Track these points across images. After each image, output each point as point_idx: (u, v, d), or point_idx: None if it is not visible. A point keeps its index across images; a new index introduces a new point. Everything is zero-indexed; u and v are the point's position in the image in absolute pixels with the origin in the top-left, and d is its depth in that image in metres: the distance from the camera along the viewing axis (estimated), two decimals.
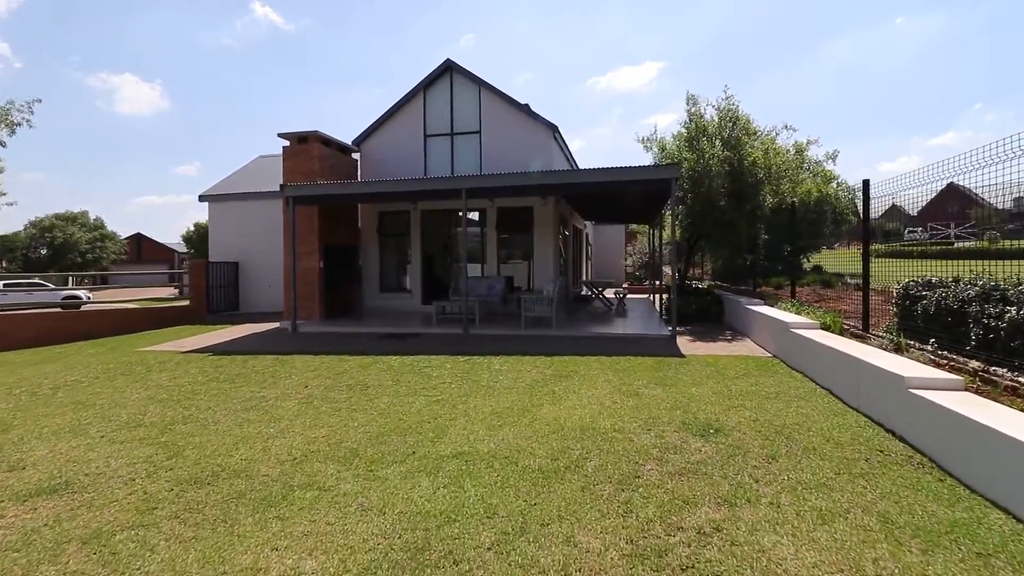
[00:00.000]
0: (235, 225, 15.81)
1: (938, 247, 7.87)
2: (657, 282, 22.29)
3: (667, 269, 23.73)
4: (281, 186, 10.87)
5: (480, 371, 6.81)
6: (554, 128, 12.61)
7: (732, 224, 10.87)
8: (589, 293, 14.99)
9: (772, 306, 8.91)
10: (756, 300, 9.60)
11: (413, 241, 13.53)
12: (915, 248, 7.43)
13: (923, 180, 5.56)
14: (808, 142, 11.17)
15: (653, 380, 6.04)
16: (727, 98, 11.44)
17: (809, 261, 17.50)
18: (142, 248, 53.85)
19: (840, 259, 16.99)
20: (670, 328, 9.20)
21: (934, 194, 6.03)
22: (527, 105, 12.78)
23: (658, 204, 11.69)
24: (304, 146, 11.84)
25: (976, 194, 5.30)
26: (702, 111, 11.57)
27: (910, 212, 6.86)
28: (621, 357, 7.36)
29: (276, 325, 11.86)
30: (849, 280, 12.92)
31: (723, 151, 10.63)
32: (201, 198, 16.24)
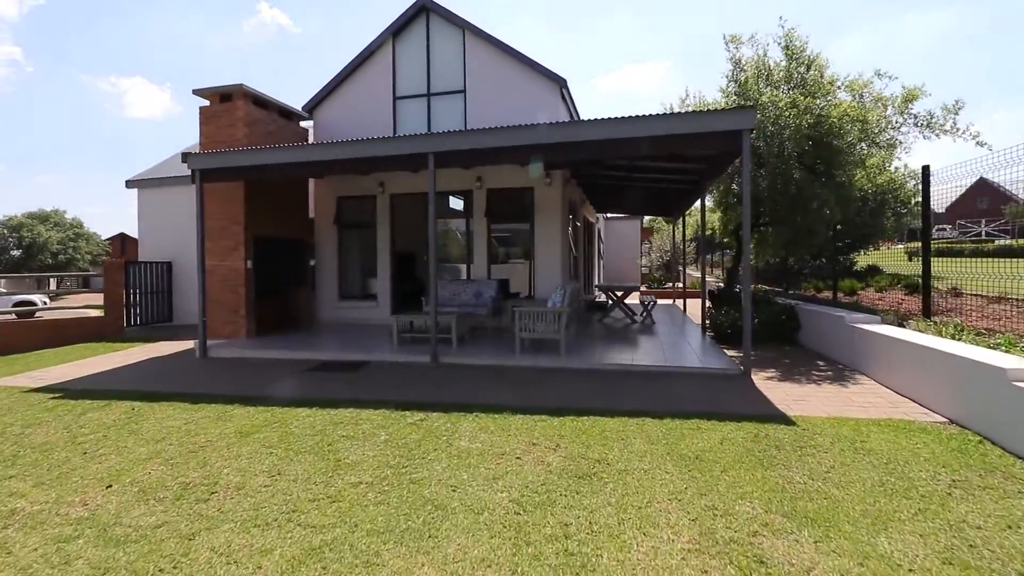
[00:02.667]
0: (169, 217, 12.81)
1: None
2: (679, 285, 19.17)
3: (688, 269, 20.53)
4: (184, 155, 7.88)
5: (433, 453, 3.75)
6: (562, 83, 9.53)
7: (806, 205, 7.74)
8: (605, 300, 11.91)
9: (904, 327, 5.81)
10: (860, 314, 6.48)
11: (381, 234, 10.49)
12: None
13: None
14: (911, 95, 8.04)
15: (769, 498, 2.94)
16: (786, 34, 8.30)
17: (854, 260, 14.28)
18: (126, 248, 51.25)
19: (889, 257, 13.82)
20: (730, 354, 6.09)
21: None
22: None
23: (706, 177, 8.59)
24: (227, 105, 8.85)
25: None
26: (763, 51, 8.44)
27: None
28: (682, 421, 4.27)
29: (191, 345, 8.84)
30: (937, 285, 9.80)
31: (802, 98, 7.51)
32: (128, 184, 13.28)
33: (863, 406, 4.65)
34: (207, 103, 9.00)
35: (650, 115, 5.95)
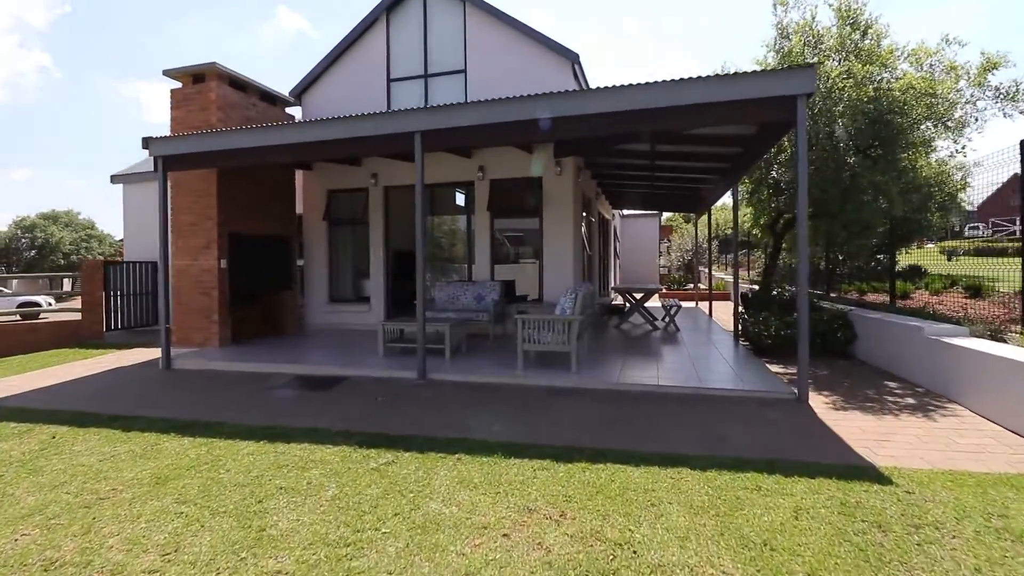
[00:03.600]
0: (157, 214, 12.00)
1: None
2: (700, 286, 17.88)
3: (706, 269, 19.08)
4: (145, 140, 6.99)
5: (391, 522, 2.71)
6: (574, 58, 8.44)
7: (860, 195, 6.54)
8: (623, 303, 10.78)
9: (1004, 341, 4.61)
10: (943, 325, 5.27)
11: (374, 231, 9.51)
12: None
13: None
14: (990, 64, 6.75)
15: None
16: None
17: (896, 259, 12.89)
18: None
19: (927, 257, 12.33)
20: (774, 369, 4.94)
21: None
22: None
23: (739, 165, 7.43)
24: (200, 87, 7.94)
25: None
26: (811, 15, 7.24)
27: None
28: (733, 475, 3.15)
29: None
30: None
31: (860, 66, 6.32)
32: (114, 179, 12.53)
33: (975, 452, 3.49)
34: (179, 85, 8.11)
35: (681, 79, 4.84)
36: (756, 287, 10.67)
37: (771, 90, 4.67)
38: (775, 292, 8.43)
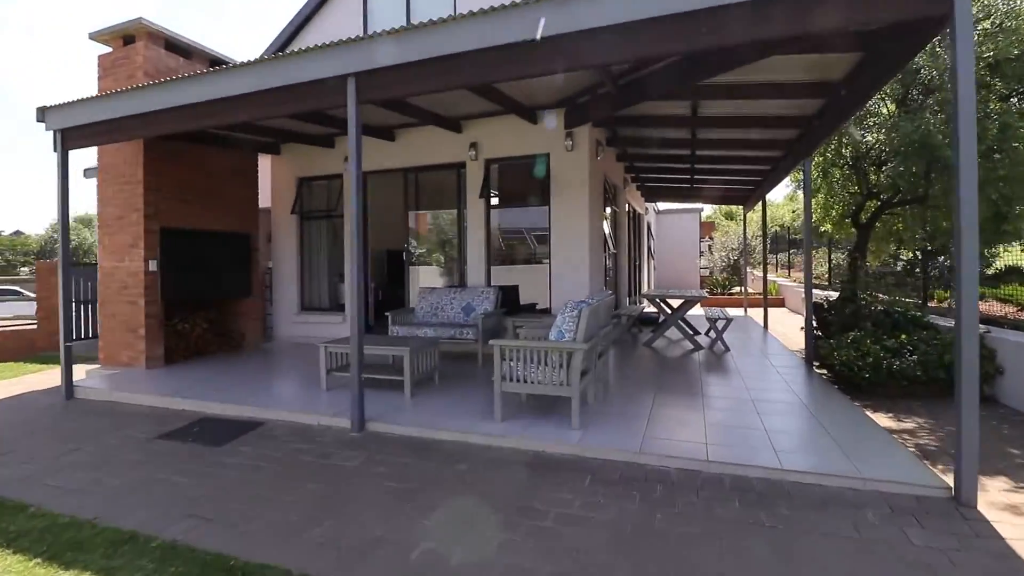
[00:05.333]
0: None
1: None
2: (750, 290, 15.45)
3: (756, 271, 16.48)
4: (40, 110, 5.55)
5: None
6: None
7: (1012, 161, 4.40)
8: (657, 313, 8.77)
9: None
10: None
11: (349, 227, 7.86)
12: None
13: None
14: None
15: None
16: None
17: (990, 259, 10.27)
18: None
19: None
20: (883, 423, 2.97)
21: None
22: None
23: (825, 122, 5.36)
24: (127, 50, 6.50)
25: None
26: None
27: None
28: None
29: (113, 371, 6.49)
30: None
31: None
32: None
33: None
34: (109, 50, 6.70)
35: None
36: (829, 293, 8.45)
37: None
38: (863, 302, 6.28)
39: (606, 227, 8.24)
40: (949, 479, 2.90)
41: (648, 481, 3.06)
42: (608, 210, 8.59)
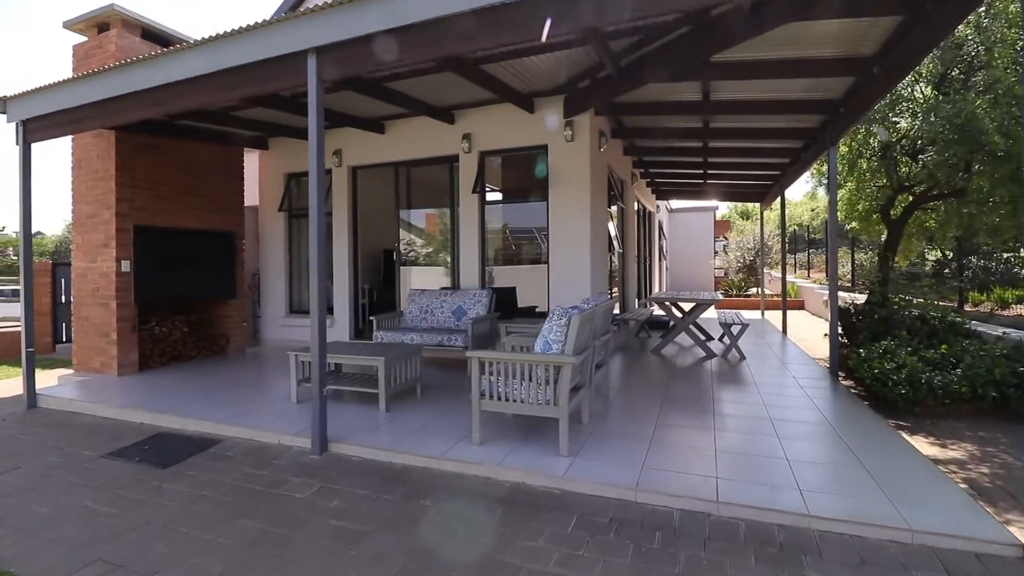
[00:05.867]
0: None
1: None
2: (766, 291, 14.68)
3: (773, 272, 15.50)
4: (0, 100, 5.21)
5: None
6: None
7: None
8: (666, 317, 8.19)
9: None
10: None
11: (338, 225, 7.46)
12: None
13: None
14: None
15: None
16: None
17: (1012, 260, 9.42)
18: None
19: None
20: (926, 450, 2.40)
21: None
22: None
23: (857, 102, 4.77)
24: (101, 39, 6.16)
25: None
26: None
27: None
28: None
29: (87, 377, 6.17)
30: None
31: None
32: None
33: None
34: (84, 40, 6.37)
35: None
36: (854, 296, 7.79)
37: None
38: (895, 306, 5.65)
39: (611, 225, 7.70)
40: (1019, 532, 2.34)
41: (644, 527, 2.54)
42: (614, 207, 8.05)
